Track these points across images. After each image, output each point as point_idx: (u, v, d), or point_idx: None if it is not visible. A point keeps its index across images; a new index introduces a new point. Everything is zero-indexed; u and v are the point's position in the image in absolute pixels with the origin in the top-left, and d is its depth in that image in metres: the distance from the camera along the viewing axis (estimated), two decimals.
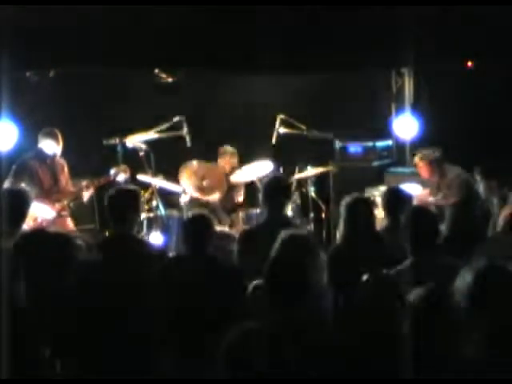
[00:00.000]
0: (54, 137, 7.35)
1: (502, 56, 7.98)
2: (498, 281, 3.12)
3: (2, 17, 6.70)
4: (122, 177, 7.38)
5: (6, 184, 7.01)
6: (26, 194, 5.43)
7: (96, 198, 7.84)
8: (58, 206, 7.26)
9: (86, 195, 7.48)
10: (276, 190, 5.39)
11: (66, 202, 7.38)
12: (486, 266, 3.15)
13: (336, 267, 4.50)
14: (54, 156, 7.40)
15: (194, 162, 7.97)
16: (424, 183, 7.94)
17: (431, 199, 7.55)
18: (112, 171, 7.41)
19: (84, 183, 7.48)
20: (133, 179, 7.60)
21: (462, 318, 3.09)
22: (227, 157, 8.53)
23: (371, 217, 5.11)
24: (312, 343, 3.66)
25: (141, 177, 7.70)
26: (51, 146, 7.34)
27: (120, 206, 5.14)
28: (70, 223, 7.43)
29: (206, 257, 4.69)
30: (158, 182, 7.77)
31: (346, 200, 5.12)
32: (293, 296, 3.86)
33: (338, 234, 5.26)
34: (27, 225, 6.52)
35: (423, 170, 7.56)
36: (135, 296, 4.14)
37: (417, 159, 7.62)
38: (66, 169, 7.58)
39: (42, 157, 7.34)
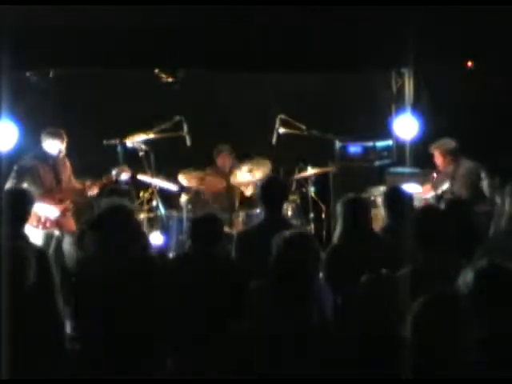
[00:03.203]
0: (58, 136, 7.31)
1: (502, 56, 7.98)
2: (499, 280, 3.12)
3: (2, 17, 6.70)
4: (124, 176, 7.38)
5: (8, 184, 7.00)
6: (29, 193, 5.42)
7: (97, 198, 7.84)
8: (61, 206, 7.23)
9: (91, 193, 7.46)
10: (273, 190, 5.39)
11: (70, 200, 7.35)
12: (488, 266, 3.14)
13: (333, 267, 4.50)
14: (58, 156, 7.36)
15: (192, 169, 8.02)
16: (423, 182, 7.94)
17: (432, 194, 7.56)
18: (114, 171, 7.40)
19: (88, 183, 7.47)
20: (134, 178, 7.61)
21: (464, 317, 3.08)
22: (224, 154, 8.54)
23: (368, 216, 5.11)
24: (312, 343, 3.66)
25: (141, 177, 7.71)
26: (56, 146, 7.31)
27: None
28: (72, 223, 7.41)
29: (213, 256, 4.67)
30: (158, 182, 7.77)
31: (342, 200, 5.12)
32: (294, 296, 3.86)
33: (335, 234, 5.27)
34: (31, 225, 6.54)
35: (438, 160, 7.54)
36: (140, 295, 4.14)
37: (432, 148, 7.61)
38: (69, 168, 7.55)
39: (44, 157, 7.30)
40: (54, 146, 7.30)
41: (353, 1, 7.24)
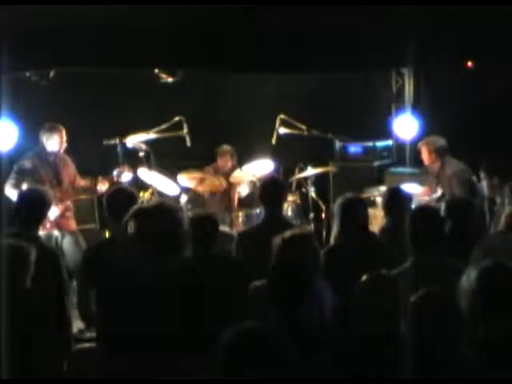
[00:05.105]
0: (56, 131, 7.26)
1: (502, 56, 7.98)
2: (503, 279, 3.11)
3: (2, 17, 6.70)
4: (125, 176, 7.34)
5: (8, 184, 6.99)
6: (48, 195, 5.41)
7: (96, 198, 7.84)
8: (61, 206, 7.20)
9: (101, 190, 7.38)
10: (273, 190, 5.39)
11: (71, 200, 7.33)
12: (492, 265, 3.14)
13: (330, 267, 4.49)
14: (57, 154, 7.33)
15: (192, 170, 8.00)
16: (423, 182, 7.93)
17: (433, 196, 7.54)
18: (115, 172, 7.37)
19: (100, 178, 7.43)
20: (135, 179, 7.59)
21: (464, 317, 3.08)
22: (226, 156, 8.53)
23: (365, 216, 5.10)
24: (312, 343, 3.66)
25: (141, 172, 7.67)
26: (55, 141, 7.26)
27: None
28: (73, 223, 7.40)
29: (211, 256, 4.66)
30: (159, 177, 7.75)
31: (339, 200, 5.12)
32: (294, 296, 3.87)
33: (332, 234, 5.26)
34: None
35: (425, 156, 7.51)
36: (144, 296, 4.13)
37: (420, 144, 7.58)
38: (71, 165, 7.50)
39: (43, 156, 7.26)
40: (53, 142, 7.25)
41: (353, 1, 7.24)
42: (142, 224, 4.21)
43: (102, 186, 7.32)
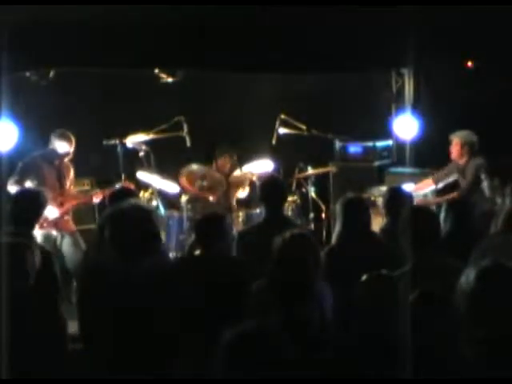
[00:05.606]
0: (66, 138, 7.32)
1: (502, 56, 7.98)
2: (502, 280, 3.11)
3: (2, 17, 6.70)
4: None
5: (11, 181, 7.01)
6: (44, 196, 5.42)
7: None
8: (61, 208, 7.22)
9: (96, 200, 7.46)
10: (273, 189, 5.39)
11: (71, 204, 7.37)
12: (491, 265, 3.14)
13: (331, 267, 4.50)
14: (63, 158, 7.37)
15: (193, 165, 7.98)
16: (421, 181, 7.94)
17: (432, 187, 7.54)
18: (117, 186, 7.37)
19: (95, 191, 7.50)
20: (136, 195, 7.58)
21: (463, 317, 3.08)
22: (226, 156, 8.52)
23: (367, 216, 5.10)
24: (312, 343, 3.66)
25: (140, 174, 7.68)
26: (64, 148, 7.31)
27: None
28: (71, 225, 7.41)
29: (212, 256, 4.66)
30: (157, 179, 7.75)
31: (341, 200, 5.12)
32: (294, 295, 3.87)
33: (334, 234, 5.27)
34: None
35: (455, 148, 7.51)
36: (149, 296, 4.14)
37: (453, 136, 7.57)
38: (71, 172, 7.55)
39: (50, 158, 7.31)
40: (62, 148, 7.32)
41: (353, 1, 7.24)
42: (116, 225, 4.24)
43: (96, 199, 7.38)
